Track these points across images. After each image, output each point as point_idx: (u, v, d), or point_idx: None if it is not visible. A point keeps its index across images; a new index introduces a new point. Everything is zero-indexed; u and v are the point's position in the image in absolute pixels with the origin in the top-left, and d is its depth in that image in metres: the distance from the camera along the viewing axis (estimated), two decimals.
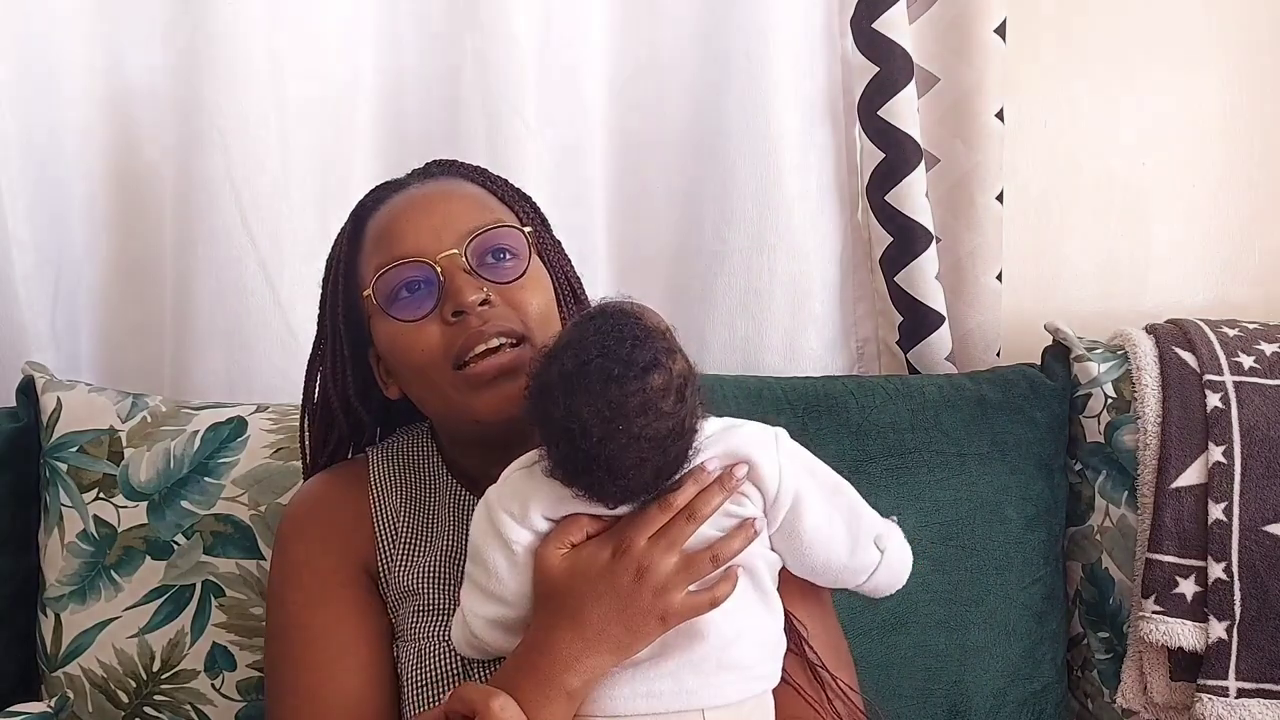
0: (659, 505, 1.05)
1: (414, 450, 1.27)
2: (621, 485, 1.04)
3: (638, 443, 1.01)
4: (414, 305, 1.15)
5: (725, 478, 1.06)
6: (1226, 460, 1.52)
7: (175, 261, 1.72)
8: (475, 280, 1.14)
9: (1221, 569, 1.50)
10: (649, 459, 1.02)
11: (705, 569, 1.04)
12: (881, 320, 1.82)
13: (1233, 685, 1.49)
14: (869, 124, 1.71)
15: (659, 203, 1.79)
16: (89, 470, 1.51)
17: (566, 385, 1.01)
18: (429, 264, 1.15)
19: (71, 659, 1.49)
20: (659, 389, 1.01)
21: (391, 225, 1.19)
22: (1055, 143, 1.85)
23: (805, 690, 1.14)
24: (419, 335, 1.15)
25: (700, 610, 1.04)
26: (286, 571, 1.22)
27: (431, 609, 1.17)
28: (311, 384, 1.28)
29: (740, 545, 1.06)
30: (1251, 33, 1.84)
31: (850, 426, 1.57)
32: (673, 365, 1.03)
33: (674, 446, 1.04)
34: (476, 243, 1.16)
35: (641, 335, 1.03)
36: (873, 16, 1.68)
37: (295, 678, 1.17)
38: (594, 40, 1.74)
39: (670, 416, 1.02)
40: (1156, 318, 1.69)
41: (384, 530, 1.22)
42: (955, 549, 1.56)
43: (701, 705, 1.06)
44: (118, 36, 1.70)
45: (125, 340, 1.78)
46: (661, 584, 1.03)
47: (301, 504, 1.26)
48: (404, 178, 1.27)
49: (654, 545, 1.04)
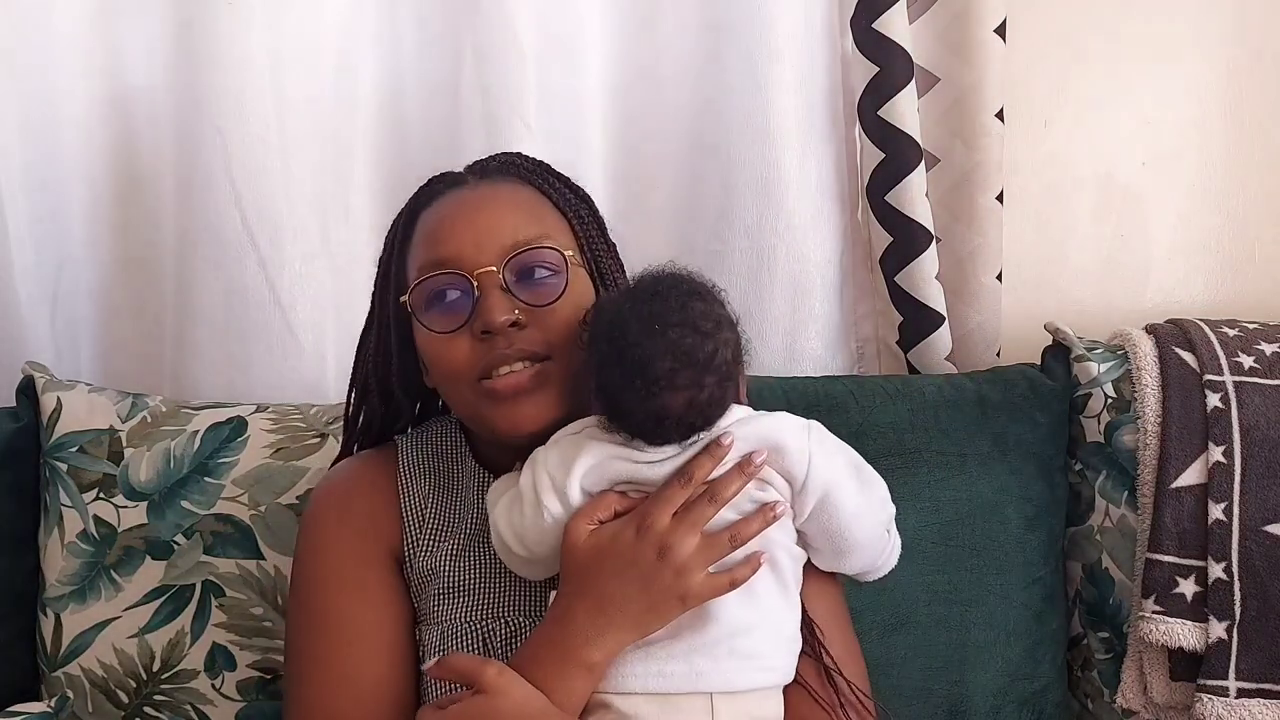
0: (679, 479, 1.08)
1: (442, 438, 1.29)
2: (656, 404, 1.06)
3: (673, 352, 1.06)
4: (448, 316, 1.18)
5: (745, 463, 1.09)
6: (1226, 460, 1.52)
7: (175, 262, 1.72)
8: (508, 300, 1.16)
9: (1221, 569, 1.50)
10: (681, 374, 1.06)
11: (724, 549, 1.08)
12: (881, 320, 1.82)
13: (1233, 685, 1.49)
14: (869, 124, 1.71)
15: (659, 203, 1.79)
16: (89, 470, 1.51)
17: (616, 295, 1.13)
18: (466, 277, 1.17)
19: (72, 659, 1.49)
20: (700, 312, 1.08)
21: (438, 227, 1.20)
22: (1055, 143, 1.85)
23: (818, 693, 1.15)
24: (450, 345, 1.17)
25: (719, 591, 1.07)
26: (312, 552, 1.24)
27: (453, 591, 1.19)
28: (360, 364, 1.30)
29: (759, 527, 1.09)
30: (1251, 32, 1.84)
31: (850, 426, 1.57)
32: (715, 303, 1.11)
33: (708, 379, 1.07)
34: (516, 261, 1.17)
35: (688, 275, 1.12)
36: (873, 16, 1.67)
37: (316, 657, 1.19)
38: (594, 40, 1.74)
39: (708, 339, 1.08)
40: (1156, 318, 1.69)
41: (410, 515, 1.24)
42: (955, 549, 1.56)
43: (710, 689, 1.08)
44: (118, 36, 1.70)
45: (125, 340, 1.78)
46: (682, 563, 1.06)
47: (329, 487, 1.28)
48: (464, 171, 1.29)
49: (676, 525, 1.07)
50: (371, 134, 1.74)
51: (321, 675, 1.18)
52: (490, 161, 1.30)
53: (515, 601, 1.19)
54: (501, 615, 1.18)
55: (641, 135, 1.77)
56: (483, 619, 1.18)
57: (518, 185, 1.25)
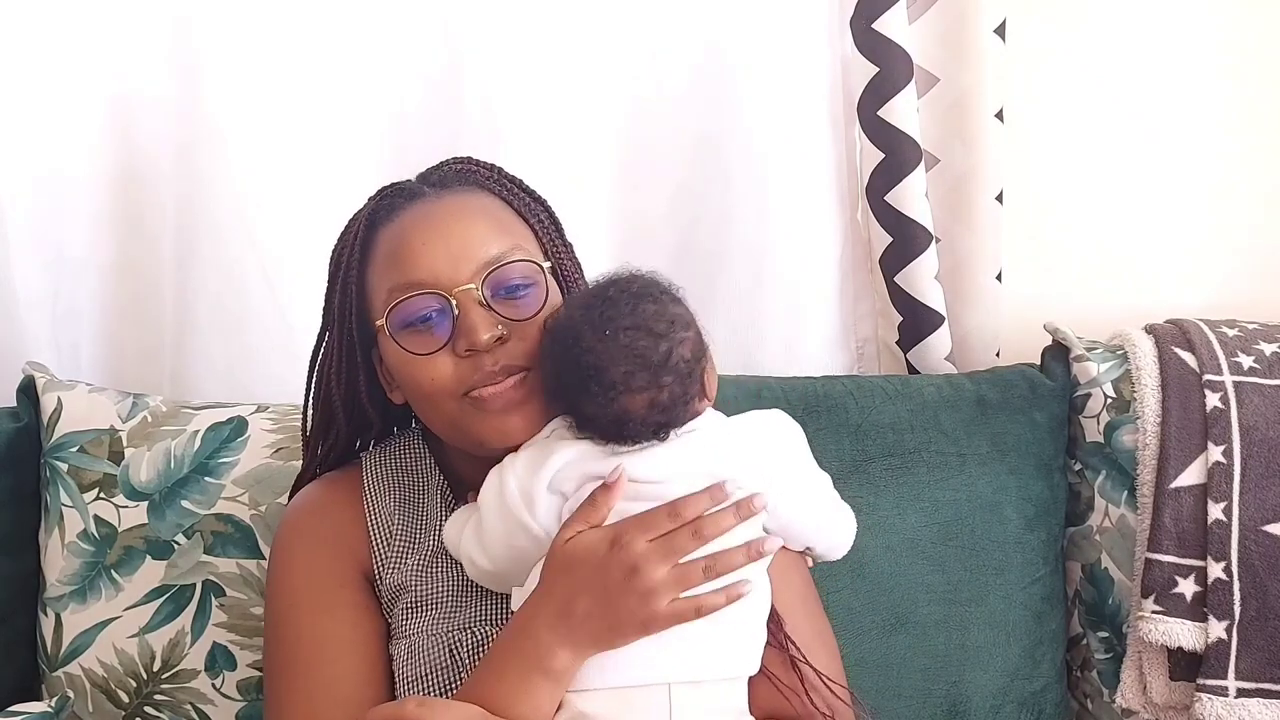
0: (667, 512, 1.06)
1: (406, 453, 1.28)
2: (616, 408, 1.07)
3: (626, 356, 1.07)
4: (427, 338, 1.16)
5: (743, 504, 1.07)
6: (1226, 460, 1.52)
7: (175, 262, 1.72)
8: (490, 316, 1.15)
9: (1221, 569, 1.50)
10: (637, 376, 1.07)
11: (697, 580, 1.05)
12: (881, 320, 1.82)
13: (1232, 685, 1.49)
14: (869, 124, 1.71)
15: (659, 204, 1.79)
16: (89, 470, 1.51)
17: (570, 302, 1.15)
18: (444, 296, 1.15)
19: (72, 659, 1.49)
20: (651, 313, 1.09)
21: (407, 245, 1.18)
22: (1055, 143, 1.85)
23: (781, 680, 1.13)
24: (429, 366, 1.16)
25: (684, 618, 1.05)
26: (283, 575, 1.23)
27: (421, 604, 1.19)
28: (315, 381, 1.28)
29: (741, 562, 1.07)
30: (1251, 32, 1.84)
31: (850, 426, 1.57)
32: (669, 303, 1.11)
33: (665, 378, 1.07)
34: (493, 277, 1.16)
35: (639, 277, 1.13)
36: (873, 16, 1.67)
37: (292, 678, 1.18)
38: (593, 40, 1.74)
39: (661, 340, 1.08)
40: (1156, 318, 1.69)
41: (378, 532, 1.23)
42: (955, 549, 1.56)
43: (668, 679, 1.07)
44: (118, 37, 1.70)
45: (125, 340, 1.79)
46: (649, 588, 1.04)
47: (297, 510, 1.27)
48: (416, 184, 1.26)
49: (651, 551, 1.05)
50: (371, 134, 1.74)
51: (303, 697, 1.17)
52: (445, 170, 1.28)
53: (481, 612, 1.18)
54: (468, 626, 1.18)
55: (641, 134, 1.77)
56: (449, 630, 1.17)
57: (479, 194, 1.23)
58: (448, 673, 1.16)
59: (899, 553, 1.54)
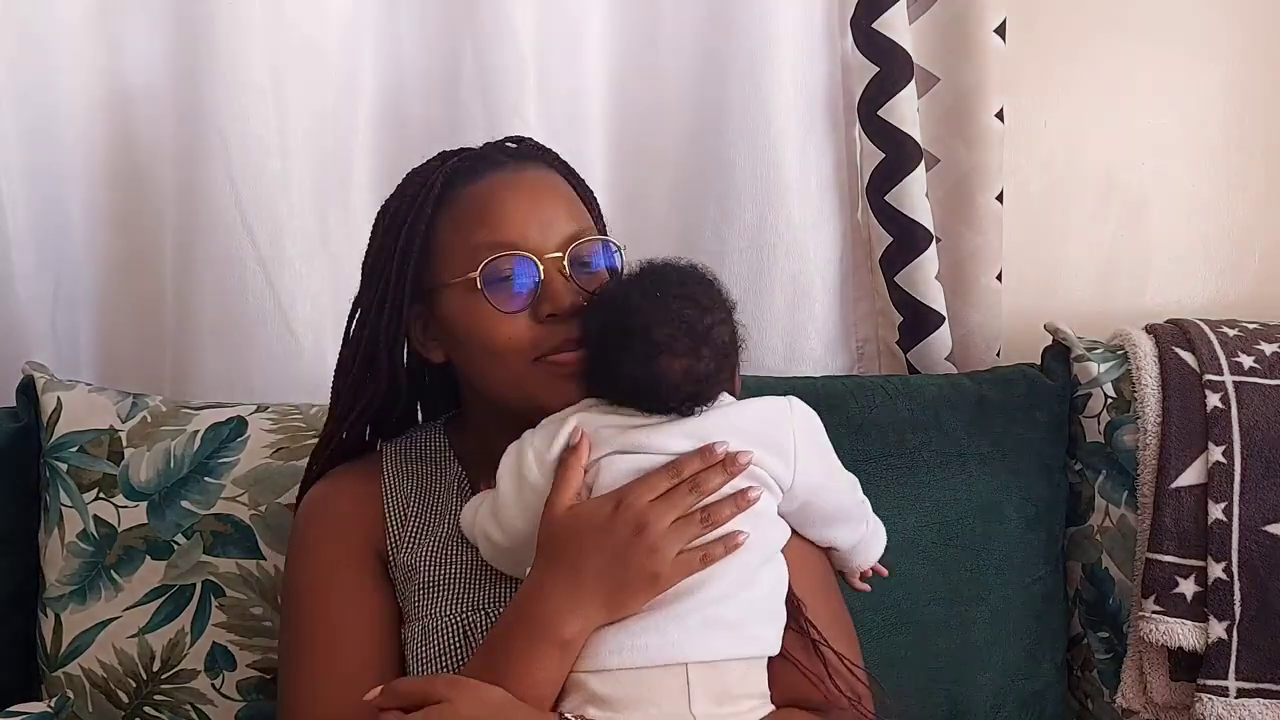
0: (667, 471, 1.09)
1: (425, 443, 1.31)
2: (654, 367, 1.09)
3: (673, 320, 1.10)
4: (512, 296, 1.19)
5: (729, 460, 1.10)
6: (1226, 460, 1.52)
7: (175, 262, 1.72)
8: (571, 285, 1.19)
9: (1221, 569, 1.50)
10: (680, 341, 1.10)
11: (697, 530, 1.08)
12: (881, 320, 1.82)
13: (1232, 685, 1.49)
14: (869, 124, 1.71)
15: (659, 203, 1.79)
16: (89, 470, 1.51)
17: (627, 274, 1.19)
18: (534, 261, 1.19)
19: (71, 659, 1.48)
20: (701, 290, 1.14)
21: (498, 206, 1.21)
22: (1055, 143, 1.85)
23: (804, 665, 1.15)
24: (508, 324, 1.18)
25: (692, 569, 1.08)
26: (300, 556, 1.26)
27: (433, 586, 1.20)
28: (354, 338, 1.28)
29: (730, 513, 1.09)
30: (1251, 32, 1.84)
31: (850, 426, 1.57)
32: (716, 288, 1.15)
33: (705, 350, 1.10)
34: (576, 250, 1.21)
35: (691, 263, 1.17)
36: (873, 16, 1.68)
37: (307, 658, 1.21)
38: (593, 40, 1.74)
39: (708, 313, 1.12)
40: (1156, 318, 1.69)
41: (394, 516, 1.25)
42: (955, 549, 1.56)
43: (686, 659, 1.07)
44: (118, 36, 1.70)
45: (125, 340, 1.78)
46: (655, 541, 1.07)
47: (318, 492, 1.30)
48: (493, 151, 1.28)
49: (654, 505, 1.08)
50: (371, 134, 1.74)
51: (312, 675, 1.20)
52: (520, 145, 1.30)
53: (495, 595, 1.19)
54: (482, 607, 1.19)
55: (641, 134, 1.77)
56: (462, 612, 1.19)
57: (554, 174, 1.28)
58: (461, 655, 1.17)
59: (899, 553, 1.53)
